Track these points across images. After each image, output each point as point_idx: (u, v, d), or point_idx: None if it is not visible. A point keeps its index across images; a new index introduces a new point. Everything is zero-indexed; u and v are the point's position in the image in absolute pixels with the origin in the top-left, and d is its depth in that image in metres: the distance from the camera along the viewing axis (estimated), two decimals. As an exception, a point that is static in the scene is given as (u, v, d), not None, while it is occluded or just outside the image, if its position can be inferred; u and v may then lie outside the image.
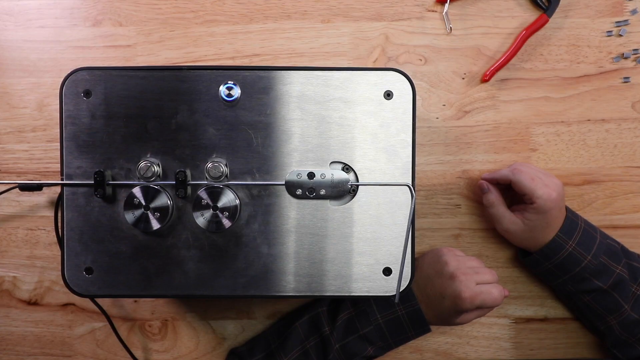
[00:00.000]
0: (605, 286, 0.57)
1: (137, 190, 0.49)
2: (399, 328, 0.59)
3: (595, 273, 0.57)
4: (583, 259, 0.57)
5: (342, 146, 0.51)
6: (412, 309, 0.58)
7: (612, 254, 0.58)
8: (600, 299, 0.58)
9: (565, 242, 0.57)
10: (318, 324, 0.60)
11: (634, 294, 0.58)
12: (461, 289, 0.55)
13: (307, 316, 0.61)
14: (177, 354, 0.66)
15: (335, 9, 0.64)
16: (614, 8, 0.63)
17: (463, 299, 0.55)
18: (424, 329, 0.59)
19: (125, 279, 0.51)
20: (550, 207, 0.56)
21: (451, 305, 0.56)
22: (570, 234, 0.57)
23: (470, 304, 0.55)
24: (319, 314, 0.60)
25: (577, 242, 0.57)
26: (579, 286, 0.58)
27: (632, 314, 0.57)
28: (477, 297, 0.55)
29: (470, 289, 0.55)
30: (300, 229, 0.51)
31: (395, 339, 0.59)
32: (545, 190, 0.56)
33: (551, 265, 0.58)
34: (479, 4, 0.64)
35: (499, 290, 0.57)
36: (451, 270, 0.56)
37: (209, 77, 0.50)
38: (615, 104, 0.64)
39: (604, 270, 0.57)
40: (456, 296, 0.55)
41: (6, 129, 0.64)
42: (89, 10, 0.64)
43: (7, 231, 0.65)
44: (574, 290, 0.59)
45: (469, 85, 0.64)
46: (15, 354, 0.66)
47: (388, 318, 0.58)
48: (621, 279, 0.57)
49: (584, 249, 0.57)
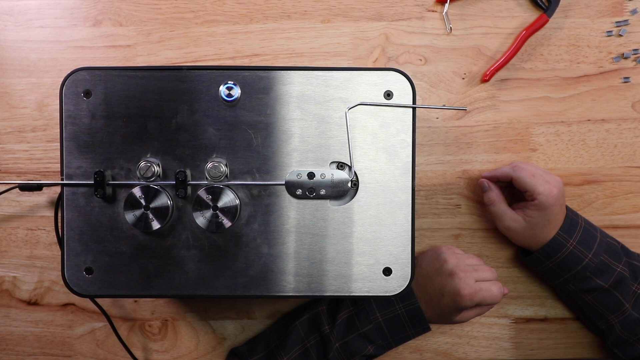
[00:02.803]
0: (606, 285, 0.57)
1: (137, 190, 0.49)
2: (398, 326, 0.59)
3: (596, 272, 0.57)
4: (584, 257, 0.57)
5: (342, 146, 0.51)
6: (412, 307, 0.58)
7: (613, 253, 0.58)
8: (602, 298, 0.58)
9: (566, 240, 0.57)
10: (318, 323, 0.60)
11: (635, 292, 0.58)
12: (460, 286, 0.55)
13: (307, 315, 0.61)
14: (177, 354, 0.66)
15: (335, 9, 0.64)
16: (614, 8, 0.63)
17: (462, 296, 0.55)
18: (424, 328, 0.59)
19: (125, 279, 0.51)
20: (551, 204, 0.56)
21: (450, 302, 0.56)
22: (571, 233, 0.57)
23: (470, 301, 0.55)
24: (318, 312, 0.60)
25: (578, 241, 0.57)
26: (580, 285, 0.58)
27: (633, 312, 0.57)
28: (476, 294, 0.55)
29: (469, 286, 0.55)
30: (300, 229, 0.51)
31: (395, 338, 0.59)
32: (546, 187, 0.56)
33: (552, 264, 0.58)
34: (479, 4, 0.64)
35: (498, 288, 0.57)
36: (450, 267, 0.57)
37: (209, 77, 0.50)
38: (615, 104, 0.64)
39: (605, 269, 0.57)
40: (455, 293, 0.55)
41: (6, 129, 0.64)
42: (89, 10, 0.64)
43: (7, 231, 0.65)
44: (575, 289, 0.59)
45: (469, 85, 0.64)
46: (15, 354, 0.66)
47: (388, 317, 0.59)
48: (622, 278, 0.57)
49: (584, 248, 0.57)
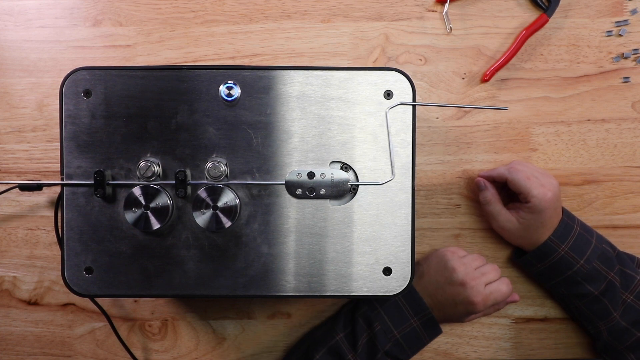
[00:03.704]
0: (596, 292, 0.57)
1: (137, 190, 0.49)
2: (415, 338, 0.59)
3: (587, 278, 0.57)
4: (575, 263, 0.57)
5: (342, 146, 0.51)
6: (426, 318, 0.59)
7: (606, 260, 0.57)
8: (590, 304, 0.58)
9: (557, 245, 0.57)
10: (340, 353, 0.58)
11: (624, 301, 0.57)
12: (473, 294, 0.57)
13: (326, 348, 0.59)
14: (177, 354, 0.66)
15: (335, 9, 0.64)
16: (614, 8, 0.63)
17: (476, 304, 0.57)
18: (437, 332, 0.61)
19: (125, 279, 0.51)
20: (545, 207, 0.56)
21: (464, 310, 0.58)
22: (564, 238, 0.57)
23: (484, 307, 0.58)
24: (337, 343, 0.58)
25: (570, 247, 0.57)
26: (571, 289, 0.58)
27: (620, 321, 0.57)
28: (489, 299, 0.57)
29: (481, 294, 0.57)
30: (300, 228, 0.51)
31: (412, 349, 0.60)
32: (540, 190, 0.56)
33: (543, 267, 0.59)
34: (479, 4, 0.64)
35: (506, 285, 0.59)
36: (461, 277, 0.57)
37: (209, 77, 0.50)
38: (615, 104, 0.64)
39: (596, 275, 0.57)
40: (469, 302, 0.57)
41: (6, 129, 0.64)
42: (89, 10, 0.64)
43: (7, 231, 0.65)
44: (567, 293, 0.59)
45: (469, 85, 0.64)
46: (15, 354, 0.66)
47: (405, 332, 0.59)
48: (612, 286, 0.57)
49: (577, 253, 0.57)
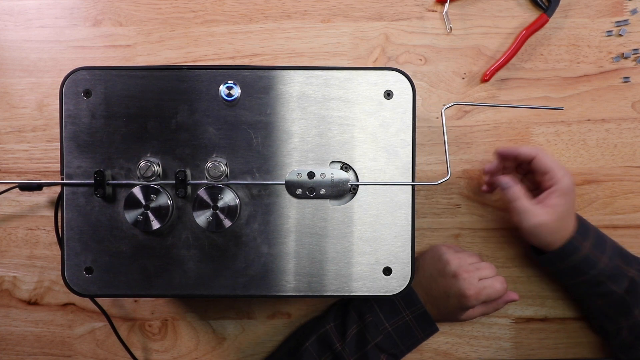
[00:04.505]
0: (620, 291, 0.56)
1: (137, 190, 0.49)
2: (408, 333, 0.59)
3: (610, 277, 0.56)
4: (599, 261, 0.56)
5: (342, 146, 0.51)
6: (419, 312, 0.58)
7: (625, 257, 0.57)
8: (613, 302, 0.57)
9: (580, 243, 0.55)
10: (328, 342, 0.58)
11: None
12: (465, 286, 0.56)
13: (315, 335, 0.59)
14: (177, 354, 0.66)
15: (335, 9, 0.64)
16: (614, 8, 0.63)
17: (468, 297, 0.56)
18: (432, 330, 0.60)
19: (125, 279, 0.51)
20: (572, 188, 0.55)
21: (457, 303, 0.57)
22: (585, 235, 0.56)
23: (476, 300, 0.56)
24: (327, 331, 0.59)
25: (593, 244, 0.56)
26: (594, 289, 0.57)
27: None
28: (481, 293, 0.56)
29: (474, 286, 0.56)
30: (300, 228, 0.51)
31: (406, 344, 0.59)
32: (565, 169, 0.56)
33: (565, 266, 0.57)
34: (479, 4, 0.64)
35: (500, 282, 0.58)
36: (453, 269, 0.57)
37: (209, 77, 0.50)
38: (615, 104, 0.64)
39: (618, 273, 0.56)
40: (461, 295, 0.56)
41: (6, 129, 0.64)
42: (89, 10, 0.64)
43: (7, 231, 0.65)
44: (588, 293, 0.58)
45: (469, 85, 0.64)
46: (15, 354, 0.66)
47: (396, 325, 0.58)
48: (634, 283, 0.56)
49: (599, 251, 0.56)
